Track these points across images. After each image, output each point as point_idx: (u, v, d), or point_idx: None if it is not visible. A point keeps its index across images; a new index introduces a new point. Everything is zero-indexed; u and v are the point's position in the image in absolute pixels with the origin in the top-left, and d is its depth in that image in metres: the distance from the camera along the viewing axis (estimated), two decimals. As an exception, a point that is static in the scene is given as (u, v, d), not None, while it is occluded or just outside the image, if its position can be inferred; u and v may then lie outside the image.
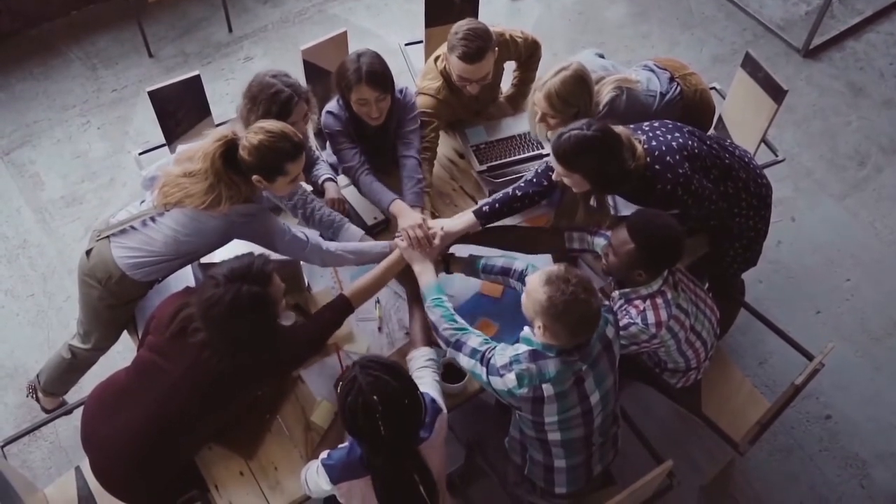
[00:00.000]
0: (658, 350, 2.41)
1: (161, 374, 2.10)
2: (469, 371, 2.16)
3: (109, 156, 3.87)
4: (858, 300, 3.48)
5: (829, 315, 3.43)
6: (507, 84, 3.22)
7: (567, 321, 1.97)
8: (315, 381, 2.44)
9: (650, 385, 2.65)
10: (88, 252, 2.41)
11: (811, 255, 3.62)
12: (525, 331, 2.11)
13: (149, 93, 2.90)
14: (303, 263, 2.56)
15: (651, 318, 2.29)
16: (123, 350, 2.88)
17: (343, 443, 2.03)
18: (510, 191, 2.56)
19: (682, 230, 2.29)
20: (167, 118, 2.99)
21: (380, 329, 2.55)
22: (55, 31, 4.33)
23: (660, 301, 2.30)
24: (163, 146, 3.09)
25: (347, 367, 1.93)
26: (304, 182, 2.55)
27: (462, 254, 2.56)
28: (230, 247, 2.40)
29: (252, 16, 4.47)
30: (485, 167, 2.94)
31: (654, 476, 2.20)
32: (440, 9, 3.33)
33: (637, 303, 2.32)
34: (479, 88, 2.82)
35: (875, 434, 3.13)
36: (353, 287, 2.37)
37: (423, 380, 2.14)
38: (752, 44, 4.36)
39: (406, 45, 3.57)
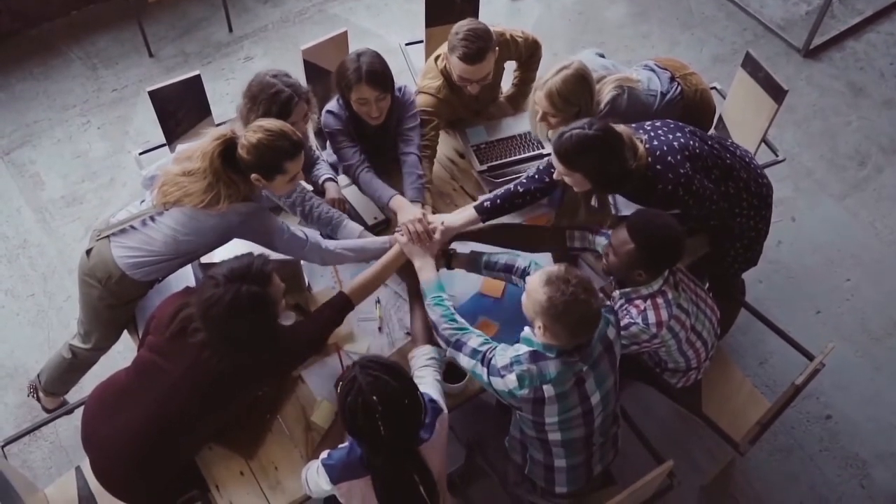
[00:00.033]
0: (659, 350, 2.41)
1: (161, 374, 2.10)
2: (469, 371, 2.16)
3: (110, 156, 3.87)
4: (859, 300, 3.48)
5: (830, 315, 3.43)
6: (508, 84, 3.22)
7: (567, 322, 1.97)
8: (315, 381, 2.44)
9: (651, 385, 2.64)
10: (88, 252, 2.41)
11: (811, 255, 3.62)
12: (525, 331, 2.11)
13: (149, 93, 2.90)
14: (303, 263, 2.56)
15: (652, 318, 2.29)
16: (124, 350, 2.88)
17: (343, 443, 2.03)
18: (512, 187, 2.56)
19: (683, 230, 2.29)
20: (167, 118, 2.99)
21: (380, 329, 2.55)
22: (55, 31, 4.33)
23: (660, 301, 2.30)
24: (163, 146, 3.09)
25: (348, 367, 1.92)
26: (305, 182, 2.55)
27: (463, 251, 2.55)
28: (230, 247, 2.40)
29: (252, 15, 4.47)
30: (485, 167, 2.95)
31: (655, 476, 2.20)
32: (440, 9, 3.33)
33: (638, 302, 2.32)
34: (480, 88, 2.82)
35: (875, 434, 3.13)
36: (353, 284, 2.36)
37: (425, 379, 2.14)
38: (753, 44, 4.36)
39: (406, 45, 3.57)
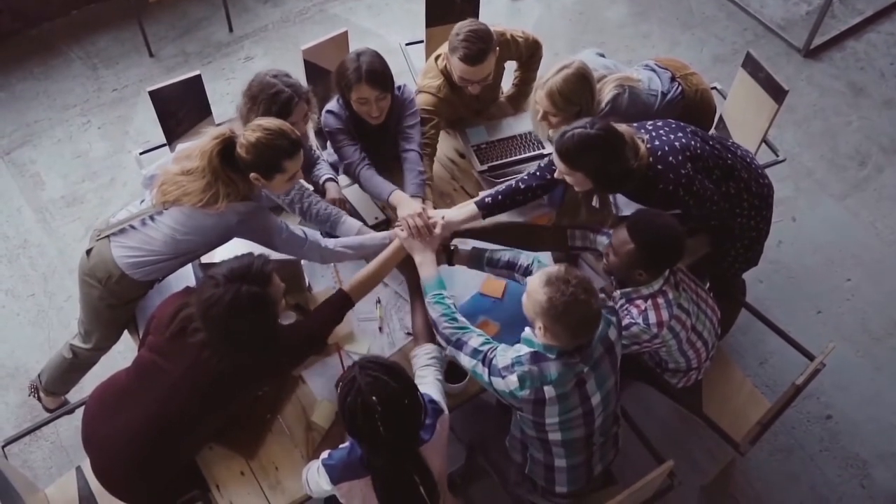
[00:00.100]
0: (659, 350, 2.41)
1: (161, 374, 2.10)
2: (470, 371, 2.15)
3: (110, 155, 3.87)
4: (859, 300, 3.48)
5: (830, 315, 3.43)
6: (509, 84, 3.22)
7: (567, 322, 1.96)
8: (316, 381, 2.44)
9: (651, 385, 2.64)
10: (89, 252, 2.41)
11: (812, 255, 3.62)
12: (526, 331, 2.10)
13: (149, 92, 2.90)
14: (304, 263, 2.55)
15: (652, 318, 2.29)
16: (125, 350, 2.88)
17: (344, 443, 2.02)
18: (513, 183, 2.55)
19: (683, 230, 2.28)
20: (168, 118, 2.99)
21: (381, 329, 2.55)
22: (55, 31, 4.33)
23: (661, 301, 2.30)
24: (163, 146, 3.09)
25: (348, 368, 1.92)
26: (305, 182, 2.54)
27: (465, 248, 2.54)
28: (230, 246, 2.39)
29: (253, 15, 4.47)
30: (485, 167, 2.94)
31: (655, 476, 2.20)
32: (441, 9, 3.33)
33: (638, 302, 2.32)
34: (480, 88, 2.82)
35: (876, 434, 3.13)
36: (353, 280, 2.35)
37: (426, 379, 2.13)
38: (753, 44, 4.36)
39: (407, 45, 3.57)
